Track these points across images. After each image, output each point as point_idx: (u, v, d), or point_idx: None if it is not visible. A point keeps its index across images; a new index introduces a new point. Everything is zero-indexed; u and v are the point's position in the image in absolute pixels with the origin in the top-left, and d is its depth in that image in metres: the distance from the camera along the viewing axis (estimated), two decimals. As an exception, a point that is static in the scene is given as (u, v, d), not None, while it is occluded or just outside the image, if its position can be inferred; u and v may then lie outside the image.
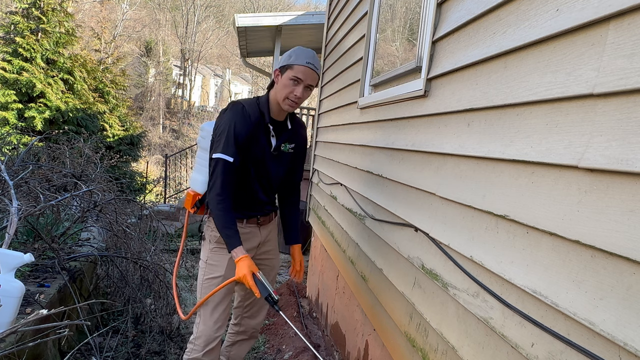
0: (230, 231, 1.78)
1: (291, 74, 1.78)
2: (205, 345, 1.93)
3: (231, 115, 1.82)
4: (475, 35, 1.31)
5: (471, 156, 1.27)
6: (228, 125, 1.79)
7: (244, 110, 1.84)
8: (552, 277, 0.90)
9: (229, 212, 1.81)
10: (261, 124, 1.88)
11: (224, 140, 1.78)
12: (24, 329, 1.60)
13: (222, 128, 1.81)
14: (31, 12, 8.73)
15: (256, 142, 1.87)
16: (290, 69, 1.78)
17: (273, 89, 1.88)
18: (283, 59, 1.83)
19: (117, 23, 25.84)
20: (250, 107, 1.86)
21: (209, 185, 1.83)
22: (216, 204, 1.78)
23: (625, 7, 0.76)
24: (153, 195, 10.16)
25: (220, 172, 1.78)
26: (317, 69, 1.83)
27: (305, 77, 1.78)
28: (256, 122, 1.85)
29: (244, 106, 1.86)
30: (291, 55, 1.81)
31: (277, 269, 2.22)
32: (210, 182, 1.82)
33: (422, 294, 1.50)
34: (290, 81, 1.78)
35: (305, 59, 1.78)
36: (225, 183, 1.79)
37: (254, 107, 1.87)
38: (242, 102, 1.89)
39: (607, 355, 0.75)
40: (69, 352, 2.28)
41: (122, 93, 11.61)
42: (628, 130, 0.75)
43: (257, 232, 2.03)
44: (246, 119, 1.82)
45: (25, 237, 2.90)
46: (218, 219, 1.80)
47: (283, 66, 1.81)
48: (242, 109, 1.84)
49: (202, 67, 35.98)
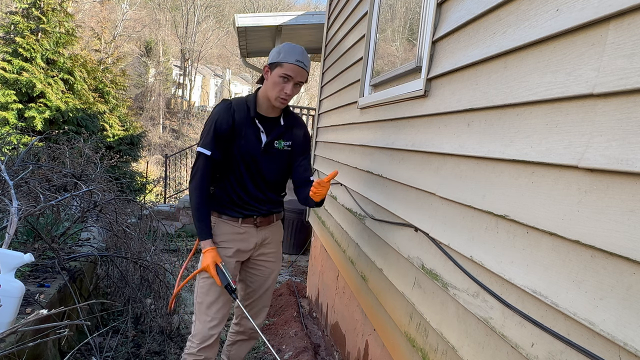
0: (202, 223, 1.90)
1: (281, 72, 1.80)
2: (200, 343, 1.96)
3: (215, 111, 1.90)
4: (475, 35, 1.31)
5: (471, 156, 1.27)
6: (211, 121, 1.87)
7: (229, 106, 1.89)
8: (552, 277, 0.90)
9: (204, 204, 1.91)
10: (248, 120, 1.90)
11: (205, 135, 1.88)
12: (24, 329, 1.60)
13: (206, 123, 1.91)
14: (31, 12, 8.73)
15: (242, 137, 1.89)
16: (280, 67, 1.80)
17: (263, 85, 1.91)
18: (272, 56, 1.85)
19: (117, 23, 25.85)
20: (237, 103, 1.91)
21: (190, 177, 1.94)
22: (194, 195, 1.90)
23: (625, 7, 0.76)
24: (153, 195, 10.16)
25: (199, 166, 1.89)
26: (306, 66, 1.85)
27: (294, 74, 1.81)
28: (242, 117, 1.89)
29: (231, 102, 1.91)
30: (280, 52, 1.82)
31: (275, 273, 2.16)
32: (191, 173, 1.92)
33: (422, 294, 1.50)
34: (280, 78, 1.81)
35: (294, 57, 1.80)
36: (203, 176, 1.89)
37: (242, 103, 1.91)
38: (231, 99, 1.94)
39: (607, 355, 0.75)
40: (69, 352, 2.29)
41: (122, 93, 11.61)
42: (628, 130, 0.75)
43: (253, 232, 2.01)
44: (229, 115, 1.87)
45: (25, 237, 2.90)
46: (194, 210, 1.91)
47: (272, 63, 1.83)
48: (227, 105, 1.90)
49: (202, 67, 35.99)
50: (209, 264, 1.86)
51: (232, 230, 1.97)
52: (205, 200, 1.91)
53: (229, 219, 1.97)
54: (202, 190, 1.90)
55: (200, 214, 1.90)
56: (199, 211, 1.90)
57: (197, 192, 1.89)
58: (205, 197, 1.91)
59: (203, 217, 1.90)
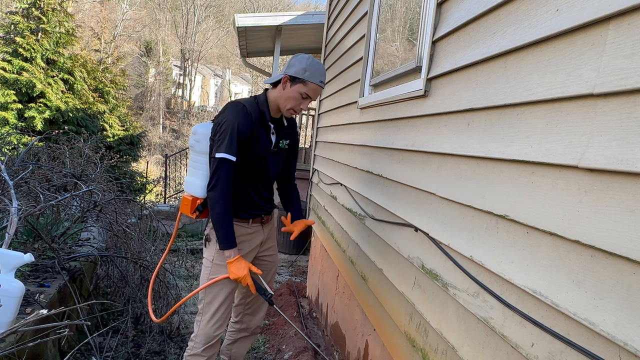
0: (227, 231, 1.83)
1: (303, 90, 1.81)
2: (205, 344, 1.97)
3: (233, 115, 1.82)
4: (476, 35, 1.31)
5: (471, 156, 1.27)
6: (231, 125, 1.79)
7: (245, 109, 1.85)
8: (552, 277, 0.90)
9: (229, 212, 1.83)
10: (262, 123, 1.90)
11: (227, 140, 1.78)
12: (24, 329, 1.60)
13: (224, 127, 1.80)
14: (31, 12, 8.72)
15: (258, 141, 1.89)
16: (304, 85, 1.81)
17: (276, 90, 1.89)
18: (297, 70, 1.81)
19: (117, 23, 25.84)
20: (250, 106, 1.88)
21: (210, 184, 1.82)
22: (218, 203, 1.80)
23: (625, 7, 0.76)
24: (153, 195, 10.16)
25: (223, 172, 1.79)
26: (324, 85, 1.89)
27: (315, 95, 1.85)
28: (257, 120, 1.88)
29: (245, 105, 1.86)
30: (306, 69, 1.80)
31: (277, 264, 2.25)
32: (212, 181, 1.81)
33: (422, 294, 1.50)
34: (299, 95, 1.83)
35: (319, 78, 1.82)
36: (227, 183, 1.80)
37: (254, 106, 1.90)
38: (242, 102, 1.89)
39: (607, 355, 0.75)
40: (69, 352, 2.29)
41: (122, 93, 11.60)
42: (628, 130, 0.75)
43: (260, 230, 2.07)
44: (248, 118, 1.83)
45: (25, 237, 2.90)
46: (218, 219, 1.81)
47: (296, 78, 1.81)
48: (243, 108, 1.85)
49: (202, 67, 35.99)
50: (246, 274, 1.82)
51: (243, 232, 1.98)
52: (230, 209, 1.83)
53: (240, 221, 1.97)
54: (228, 199, 1.81)
55: (224, 222, 1.82)
56: (223, 220, 1.81)
57: (223, 201, 1.80)
58: (230, 205, 1.83)
59: (228, 226, 1.83)
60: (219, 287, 1.95)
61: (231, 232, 1.84)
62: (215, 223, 1.82)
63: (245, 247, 1.99)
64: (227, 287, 1.95)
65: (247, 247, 2.00)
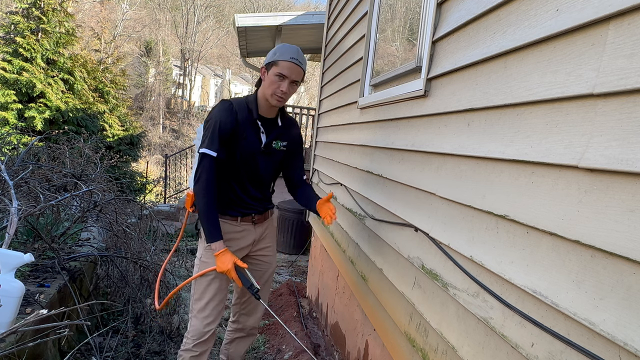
0: (212, 224, 1.86)
1: (276, 70, 1.83)
2: (196, 339, 1.98)
3: (217, 112, 1.88)
4: (476, 35, 1.31)
5: (471, 156, 1.27)
6: (214, 122, 1.86)
7: (230, 106, 1.89)
8: (552, 277, 0.90)
9: (212, 205, 1.87)
10: (249, 120, 1.92)
11: (209, 136, 1.85)
12: (24, 329, 1.60)
13: (208, 124, 1.88)
14: (31, 12, 8.73)
15: (244, 138, 1.91)
16: (276, 66, 1.83)
17: (261, 86, 1.93)
18: (268, 56, 1.89)
19: (117, 23, 25.86)
20: (238, 104, 1.91)
21: (195, 179, 1.89)
22: (201, 197, 1.85)
23: (625, 7, 0.76)
24: (153, 195, 10.16)
25: (204, 167, 1.85)
26: (302, 63, 1.87)
27: (290, 72, 1.84)
28: (244, 118, 1.90)
29: (232, 103, 1.91)
30: (276, 52, 1.86)
31: (273, 266, 2.22)
32: (196, 175, 1.88)
33: (422, 294, 1.50)
34: (276, 77, 1.84)
35: (289, 55, 1.83)
36: (209, 178, 1.85)
37: (242, 104, 1.92)
38: (231, 100, 1.94)
39: (607, 355, 0.75)
40: (69, 352, 2.29)
41: (122, 93, 11.60)
42: (628, 130, 0.75)
43: (251, 230, 2.06)
44: (231, 115, 1.87)
45: (25, 237, 2.90)
46: (201, 212, 1.86)
47: (268, 63, 1.87)
48: (229, 105, 1.90)
49: (202, 67, 35.99)
50: (230, 268, 1.82)
51: (231, 230, 1.99)
52: (213, 202, 1.87)
53: (228, 218, 1.99)
54: (210, 193, 1.86)
55: (208, 216, 1.86)
56: (207, 213, 1.86)
57: (205, 194, 1.84)
58: (213, 198, 1.87)
59: (212, 219, 1.86)
60: (207, 283, 1.96)
61: (215, 225, 1.87)
62: (201, 216, 1.87)
63: (233, 245, 1.99)
64: (216, 282, 1.96)
65: (236, 245, 2.00)
